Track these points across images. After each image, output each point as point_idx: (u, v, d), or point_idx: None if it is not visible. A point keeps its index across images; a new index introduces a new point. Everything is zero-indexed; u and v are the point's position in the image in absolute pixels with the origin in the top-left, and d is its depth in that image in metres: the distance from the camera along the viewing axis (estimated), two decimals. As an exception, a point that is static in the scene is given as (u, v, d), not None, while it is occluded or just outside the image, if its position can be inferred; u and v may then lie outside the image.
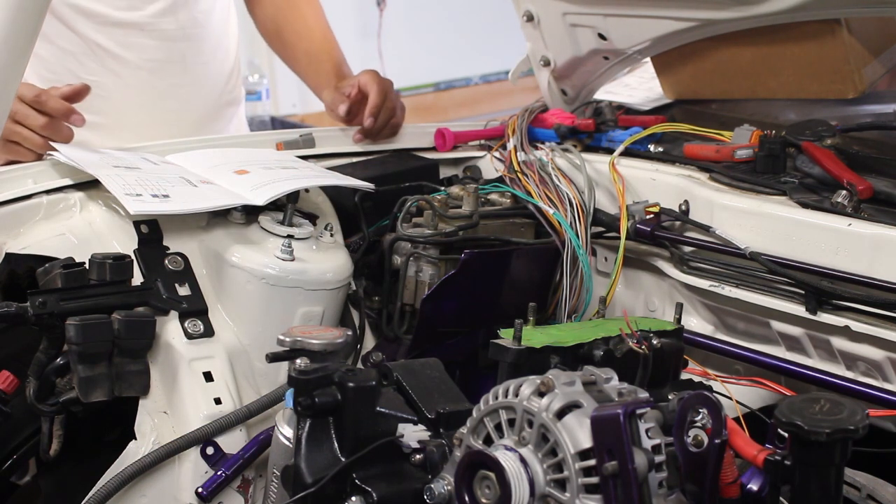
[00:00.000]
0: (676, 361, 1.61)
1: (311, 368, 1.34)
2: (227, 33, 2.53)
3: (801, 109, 2.08)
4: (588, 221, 1.96)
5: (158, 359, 1.72)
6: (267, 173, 1.90)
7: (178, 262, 1.79)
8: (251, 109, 4.71)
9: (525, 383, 1.23)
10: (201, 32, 2.43)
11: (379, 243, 1.99)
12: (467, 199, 1.99)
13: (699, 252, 1.87)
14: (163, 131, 2.28)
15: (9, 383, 1.69)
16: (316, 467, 1.32)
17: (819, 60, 2.03)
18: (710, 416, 1.18)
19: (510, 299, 1.94)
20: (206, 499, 1.66)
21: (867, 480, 1.60)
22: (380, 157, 2.25)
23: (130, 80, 2.36)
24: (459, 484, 1.24)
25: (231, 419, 1.68)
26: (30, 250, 1.75)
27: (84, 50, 2.32)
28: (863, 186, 1.72)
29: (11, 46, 1.53)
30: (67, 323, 1.60)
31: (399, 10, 5.53)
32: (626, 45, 2.15)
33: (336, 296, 1.85)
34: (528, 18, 2.23)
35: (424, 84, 5.72)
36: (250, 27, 2.72)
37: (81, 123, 1.97)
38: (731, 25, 2.01)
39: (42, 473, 1.95)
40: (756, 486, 1.25)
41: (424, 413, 1.39)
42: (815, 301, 1.68)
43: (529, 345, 1.51)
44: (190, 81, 2.43)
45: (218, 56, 2.50)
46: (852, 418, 1.15)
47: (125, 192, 1.74)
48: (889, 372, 1.65)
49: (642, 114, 2.29)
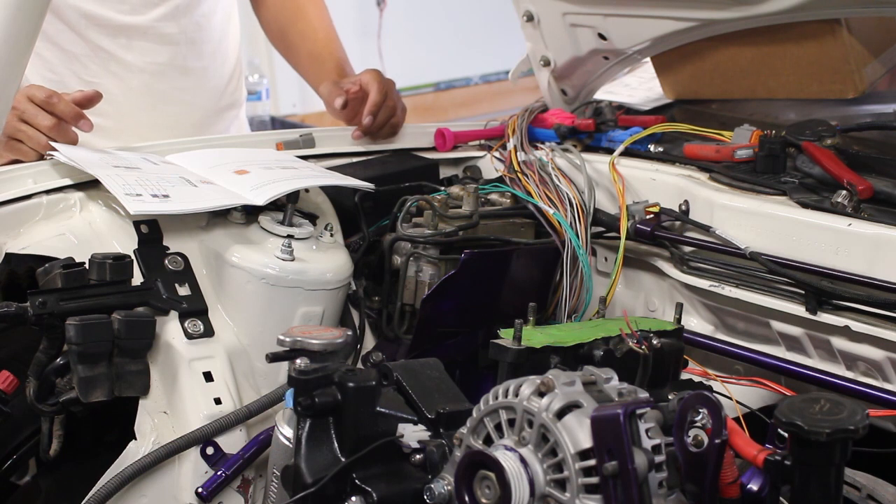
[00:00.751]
0: (676, 361, 1.61)
1: (311, 368, 1.34)
2: (228, 35, 2.54)
3: (801, 109, 2.09)
4: (588, 221, 1.96)
5: (158, 359, 1.72)
6: (267, 173, 1.90)
7: (178, 262, 1.79)
8: (251, 109, 4.71)
9: (525, 383, 1.23)
10: (203, 36, 2.44)
11: (379, 243, 1.99)
12: (467, 199, 1.99)
13: (699, 252, 1.87)
14: (164, 134, 2.28)
15: (9, 383, 1.69)
16: (316, 467, 1.32)
17: (819, 60, 2.03)
18: (710, 416, 1.18)
19: (510, 299, 1.94)
20: (206, 499, 1.66)
21: (867, 480, 1.60)
22: (380, 157, 2.25)
23: (133, 83, 2.37)
24: (459, 484, 1.24)
25: (231, 419, 1.68)
26: (30, 250, 1.75)
27: (87, 52, 2.33)
28: (863, 186, 1.72)
29: (11, 46, 1.53)
30: (67, 323, 1.60)
31: (399, 10, 5.53)
32: (626, 45, 2.15)
33: (336, 296, 1.85)
34: (528, 18, 2.23)
35: (424, 84, 5.72)
36: (249, 28, 2.72)
37: (89, 129, 1.98)
38: (731, 25, 2.01)
39: (42, 473, 1.95)
40: (756, 486, 1.25)
41: (424, 413, 1.39)
42: (815, 301, 1.68)
43: (529, 345, 1.51)
44: (192, 84, 2.44)
45: (218, 59, 2.50)
46: (852, 418, 1.15)
47: (125, 192, 1.74)
48: (889, 372, 1.65)
49: (642, 114, 2.29)
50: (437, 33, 5.70)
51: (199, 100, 2.47)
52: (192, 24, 2.41)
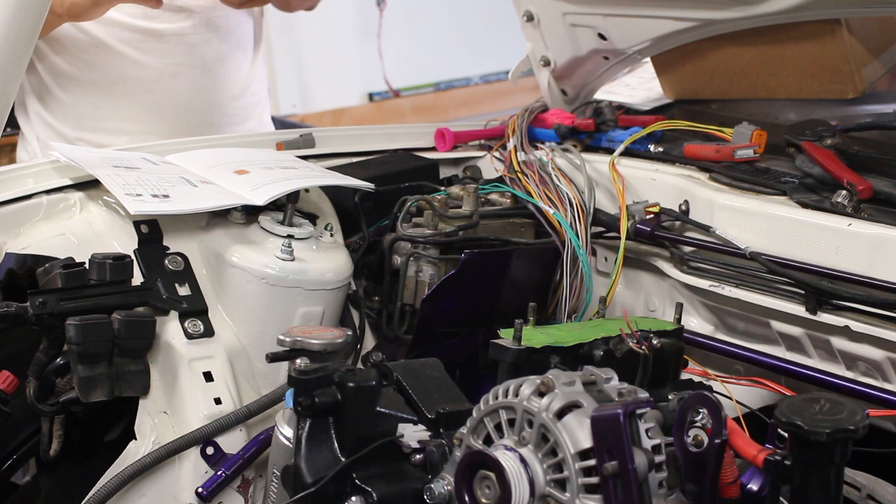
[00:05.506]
0: (676, 361, 1.61)
1: (311, 368, 1.34)
2: (245, 34, 2.54)
3: (801, 109, 2.09)
4: (588, 221, 1.96)
5: (158, 359, 1.72)
6: (267, 173, 1.91)
7: (178, 262, 1.79)
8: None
9: (525, 383, 1.23)
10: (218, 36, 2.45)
11: (379, 243, 1.99)
12: (467, 199, 1.99)
13: (699, 252, 1.87)
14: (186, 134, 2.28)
15: (9, 383, 1.69)
16: (316, 467, 1.33)
17: (819, 60, 2.03)
18: (710, 416, 1.18)
19: (510, 299, 1.94)
20: (206, 499, 1.66)
21: (867, 480, 1.61)
22: (380, 157, 2.25)
23: (154, 87, 2.38)
24: (459, 484, 1.24)
25: (231, 419, 1.68)
26: (30, 250, 1.75)
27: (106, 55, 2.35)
28: (863, 186, 1.72)
29: (11, 46, 1.53)
30: (67, 323, 1.60)
31: (399, 10, 5.53)
32: (626, 45, 2.15)
33: (336, 296, 1.85)
34: (528, 18, 2.23)
35: (424, 84, 5.72)
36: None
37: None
38: (731, 25, 2.01)
39: (42, 473, 1.95)
40: (756, 486, 1.25)
41: (424, 413, 1.39)
42: (815, 301, 1.68)
43: (529, 345, 1.51)
44: (212, 84, 2.45)
45: (236, 59, 2.51)
46: (852, 418, 1.15)
47: (125, 192, 1.74)
48: (889, 372, 1.65)
49: (642, 114, 2.29)
50: (437, 33, 5.70)
51: (218, 99, 2.48)
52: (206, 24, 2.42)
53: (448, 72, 5.81)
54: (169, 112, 2.41)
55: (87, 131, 2.40)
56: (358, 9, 5.46)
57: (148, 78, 2.38)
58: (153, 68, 2.38)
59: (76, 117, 2.42)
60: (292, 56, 5.22)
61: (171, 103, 2.41)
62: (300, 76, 5.30)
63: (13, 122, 2.46)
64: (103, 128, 2.40)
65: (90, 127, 2.41)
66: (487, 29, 5.55)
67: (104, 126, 2.40)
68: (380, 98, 5.52)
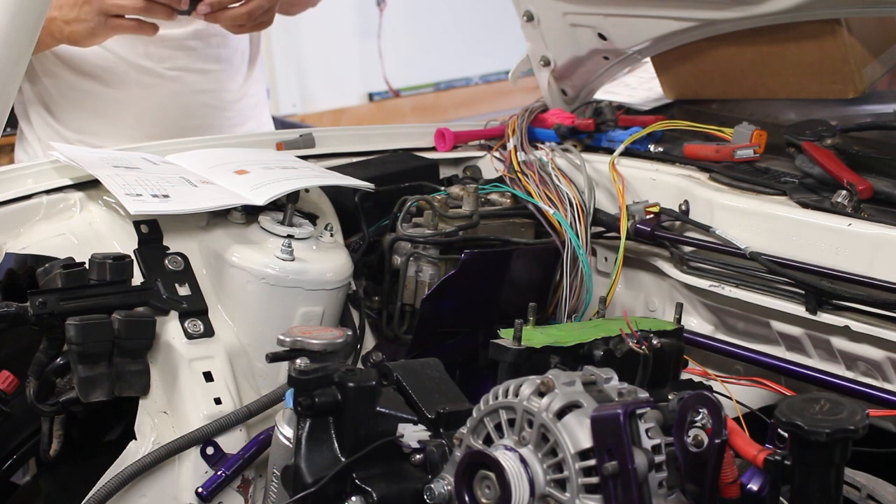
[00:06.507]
0: (676, 361, 1.61)
1: (311, 368, 1.34)
2: (245, 38, 2.54)
3: (801, 109, 2.09)
4: (588, 221, 1.96)
5: (158, 359, 1.72)
6: (267, 173, 1.90)
7: (178, 262, 1.79)
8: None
9: (525, 383, 1.23)
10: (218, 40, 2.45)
11: (379, 243, 1.98)
12: (467, 199, 1.99)
13: (699, 252, 1.87)
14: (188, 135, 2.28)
15: (9, 383, 1.69)
16: (316, 467, 1.32)
17: (819, 60, 2.03)
18: (710, 416, 1.18)
19: (510, 299, 1.94)
20: (206, 499, 1.66)
21: (867, 480, 1.61)
22: (380, 157, 2.24)
23: (155, 91, 2.39)
24: (459, 484, 1.24)
25: (231, 419, 1.68)
26: (30, 250, 1.75)
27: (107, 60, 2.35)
28: (863, 186, 1.72)
29: (11, 46, 1.53)
30: (67, 323, 1.60)
31: (399, 10, 5.53)
32: (626, 45, 2.15)
33: (336, 296, 1.85)
34: (528, 18, 2.23)
35: (424, 84, 5.72)
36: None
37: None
38: (731, 25, 2.01)
39: (42, 473, 1.95)
40: (756, 486, 1.25)
41: (424, 413, 1.39)
42: (815, 301, 1.68)
43: (529, 345, 1.51)
44: (212, 88, 2.45)
45: (236, 62, 2.51)
46: (852, 418, 1.15)
47: (125, 192, 1.74)
48: (889, 372, 1.65)
49: (642, 114, 2.29)
50: (437, 33, 5.70)
51: (220, 99, 2.48)
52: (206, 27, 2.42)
53: (448, 72, 5.82)
54: (169, 116, 2.41)
55: (88, 135, 2.40)
56: (358, 9, 5.46)
57: (149, 82, 2.38)
58: (154, 73, 2.38)
59: (77, 121, 2.42)
60: (292, 56, 5.23)
61: (172, 107, 2.41)
62: (300, 76, 5.31)
63: (13, 122, 2.46)
64: (104, 132, 2.40)
65: (91, 131, 2.41)
66: (487, 29, 5.55)
67: (105, 130, 2.40)
68: (380, 98, 5.52)
